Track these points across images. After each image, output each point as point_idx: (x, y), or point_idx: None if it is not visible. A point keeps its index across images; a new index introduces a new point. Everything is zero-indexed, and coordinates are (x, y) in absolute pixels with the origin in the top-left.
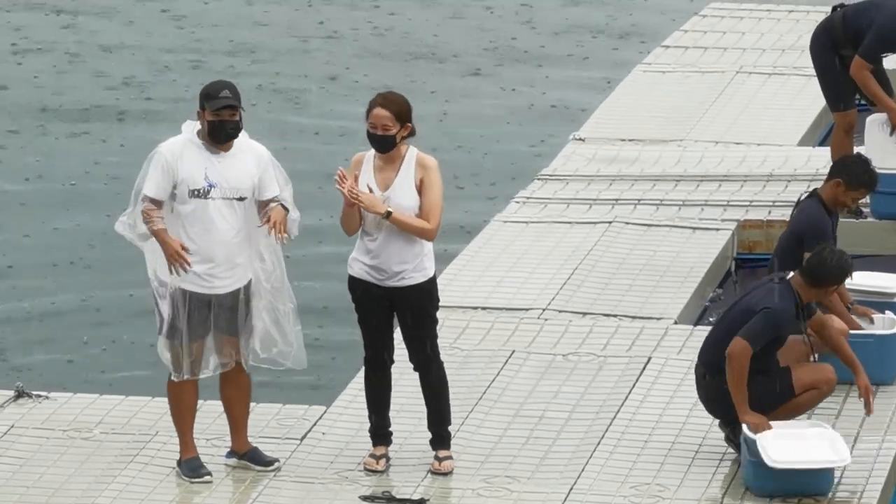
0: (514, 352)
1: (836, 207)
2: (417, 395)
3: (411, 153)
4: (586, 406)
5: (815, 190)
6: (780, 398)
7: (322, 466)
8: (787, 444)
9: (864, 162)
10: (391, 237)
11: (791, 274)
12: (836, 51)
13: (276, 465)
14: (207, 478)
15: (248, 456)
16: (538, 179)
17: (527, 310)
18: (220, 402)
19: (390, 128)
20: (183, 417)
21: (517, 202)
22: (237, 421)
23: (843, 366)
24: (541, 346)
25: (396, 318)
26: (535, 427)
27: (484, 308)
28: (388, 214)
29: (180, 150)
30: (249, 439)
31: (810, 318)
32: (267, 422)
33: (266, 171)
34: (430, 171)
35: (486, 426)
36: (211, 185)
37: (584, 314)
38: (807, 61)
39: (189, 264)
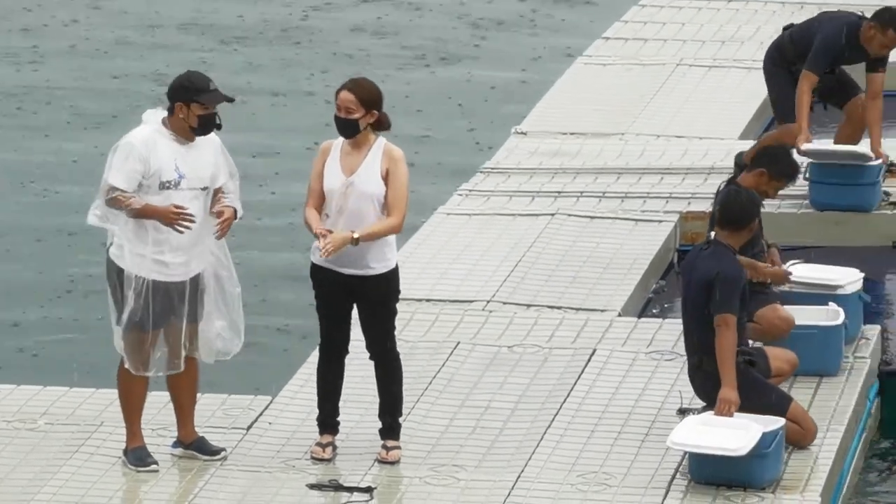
0: (459, 343)
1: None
2: (366, 383)
3: (379, 142)
4: (532, 396)
5: (732, 178)
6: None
7: (269, 456)
8: (703, 429)
9: (788, 153)
10: (348, 226)
11: (712, 234)
12: (787, 67)
13: (223, 454)
14: (154, 467)
15: (194, 446)
16: (480, 172)
17: (471, 301)
18: (166, 392)
19: (353, 111)
20: (132, 406)
21: (460, 195)
22: (184, 410)
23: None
24: (486, 338)
25: (356, 308)
26: (482, 417)
27: (429, 300)
28: (356, 240)
29: (152, 142)
30: (196, 429)
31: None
32: (213, 412)
33: (219, 159)
34: (396, 162)
35: (432, 416)
36: (181, 177)
37: (529, 306)
38: (746, 53)
39: (193, 216)
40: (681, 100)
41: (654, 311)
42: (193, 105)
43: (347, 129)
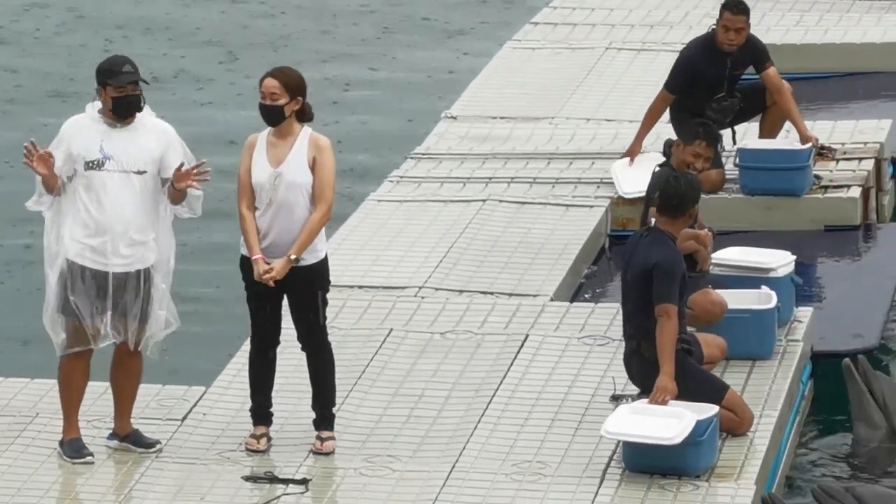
0: (391, 330)
1: (684, 168)
2: (298, 374)
3: (305, 131)
4: (465, 384)
5: (665, 162)
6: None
7: (204, 447)
8: (636, 418)
9: (694, 118)
10: (279, 217)
11: (653, 221)
12: (680, 113)
13: (158, 447)
14: (89, 458)
15: (129, 438)
16: (411, 158)
17: (403, 288)
18: (102, 383)
19: (278, 97)
20: (71, 397)
21: (391, 181)
22: (123, 403)
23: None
24: (418, 325)
25: (286, 299)
26: (416, 405)
27: (360, 287)
28: (296, 259)
29: (80, 124)
30: (131, 421)
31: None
32: (147, 402)
33: (170, 148)
34: (323, 151)
35: (366, 405)
36: (106, 157)
37: (461, 292)
38: (675, 37)
39: (51, 156)
40: (610, 84)
41: (586, 296)
42: (108, 88)
43: (272, 115)
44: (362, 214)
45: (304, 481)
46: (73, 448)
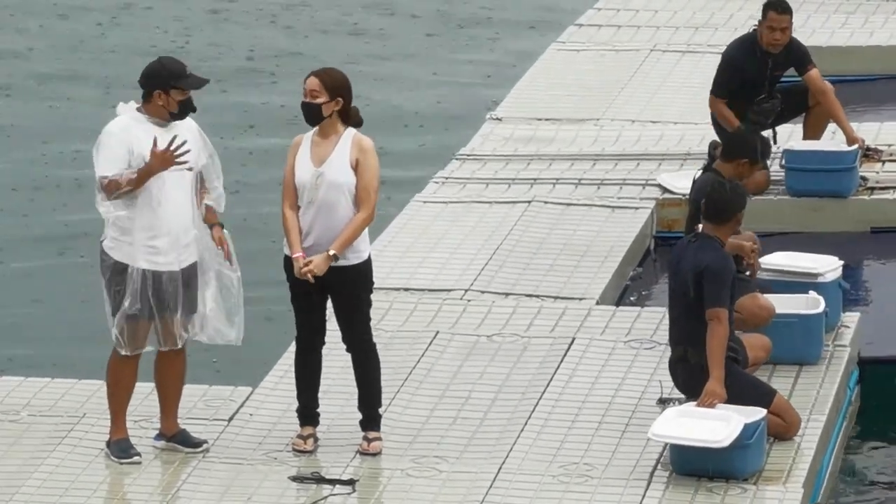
0: (438, 333)
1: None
2: (345, 375)
3: (349, 132)
4: (512, 386)
5: (709, 165)
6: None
7: (250, 447)
8: (684, 421)
9: (755, 135)
10: (320, 216)
11: (700, 227)
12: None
13: (205, 446)
14: (136, 458)
15: (176, 438)
16: (456, 160)
17: (449, 290)
18: (148, 384)
19: (318, 95)
20: (120, 397)
21: (436, 182)
22: (169, 403)
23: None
24: (464, 327)
25: (330, 300)
26: (462, 407)
27: (406, 289)
28: (335, 256)
29: (129, 127)
30: (178, 421)
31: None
32: (194, 403)
33: (198, 140)
34: (366, 153)
35: (413, 407)
36: (159, 150)
37: (507, 295)
38: (720, 39)
39: (184, 143)
40: (655, 85)
41: (631, 298)
42: (173, 91)
43: (311, 113)
44: (407, 216)
45: (350, 482)
46: (120, 448)
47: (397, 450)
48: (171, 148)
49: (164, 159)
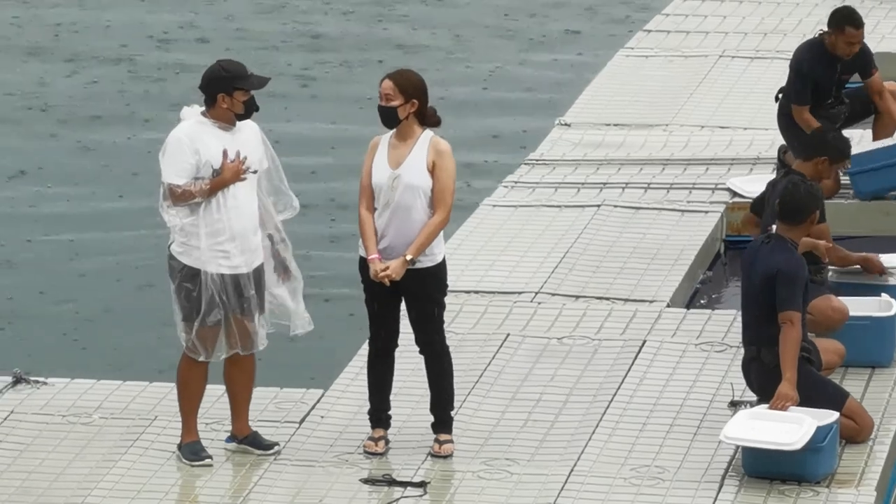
0: (508, 335)
1: (819, 181)
2: (416, 377)
3: (426, 135)
4: (583, 389)
5: (790, 169)
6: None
7: (322, 450)
8: (756, 423)
9: (834, 134)
10: (396, 218)
11: (774, 228)
12: (797, 127)
13: (276, 448)
14: (208, 461)
15: (247, 440)
16: (525, 164)
17: (519, 293)
18: (219, 386)
19: (392, 98)
20: (190, 401)
21: (505, 186)
22: (239, 405)
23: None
24: (535, 330)
25: (404, 302)
26: (533, 410)
27: (477, 292)
28: (411, 260)
29: (196, 133)
30: (249, 423)
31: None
32: (265, 405)
33: (260, 141)
34: (442, 156)
35: (483, 409)
36: (230, 162)
37: (577, 297)
38: (789, 45)
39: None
40: (724, 91)
41: (701, 301)
42: (236, 93)
43: (387, 117)
44: (477, 219)
45: (422, 484)
46: (191, 451)
47: (468, 452)
48: (240, 159)
49: (235, 171)
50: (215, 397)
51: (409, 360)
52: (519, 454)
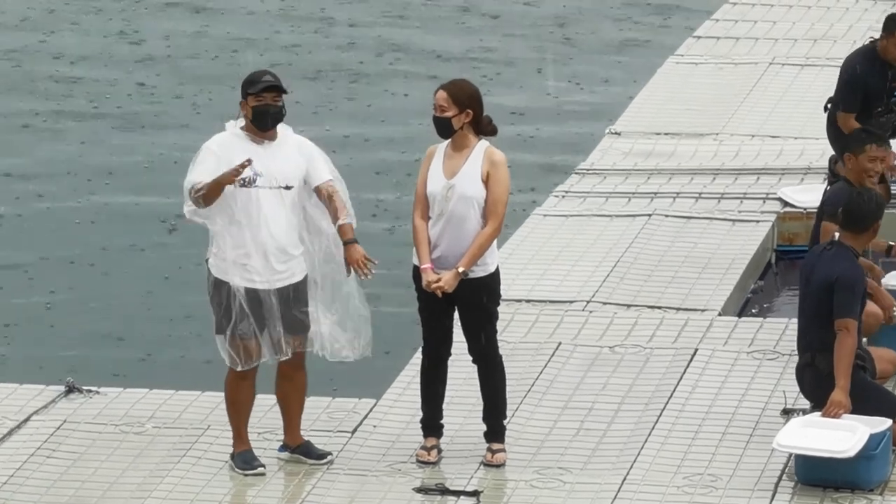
0: (560, 344)
1: (865, 180)
2: (469, 386)
3: (481, 145)
4: (635, 397)
5: (837, 178)
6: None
7: (375, 459)
8: (809, 431)
9: (857, 128)
10: (449, 228)
11: (836, 236)
12: (842, 133)
13: (329, 458)
14: (260, 469)
15: (300, 449)
16: (576, 174)
17: (571, 302)
18: (271, 396)
19: (446, 109)
20: (239, 412)
21: (556, 196)
22: (291, 416)
23: None
24: (587, 339)
25: (457, 311)
26: (585, 418)
27: (528, 301)
28: (464, 272)
29: (227, 143)
30: (302, 433)
31: None
32: (318, 415)
33: (312, 159)
34: (497, 166)
35: (536, 418)
36: (257, 175)
37: (629, 306)
38: (839, 52)
39: (250, 161)
40: (774, 99)
41: (752, 311)
42: (249, 98)
43: (442, 127)
44: (529, 228)
45: (475, 493)
46: (243, 460)
47: (521, 461)
48: (243, 162)
49: (234, 171)
50: (267, 407)
51: (461, 368)
52: (572, 463)
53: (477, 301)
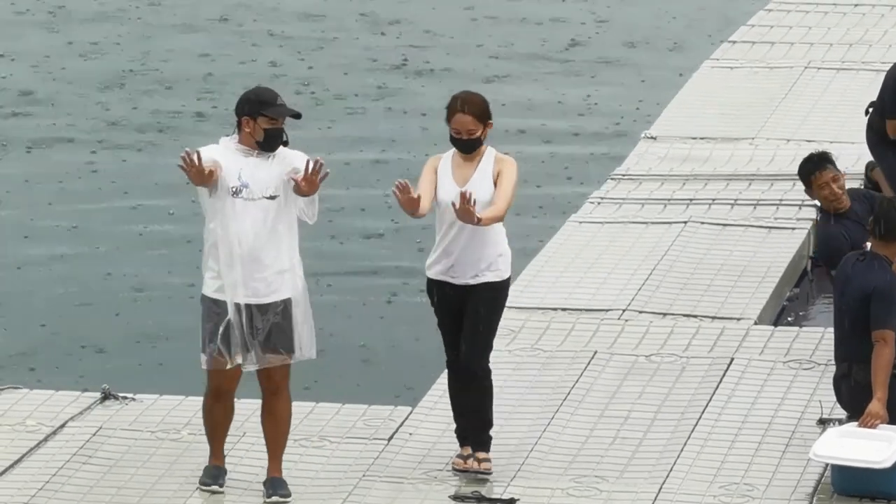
0: (596, 353)
1: (830, 206)
2: (503, 393)
3: (490, 152)
4: (671, 406)
5: (874, 184)
6: None
7: (411, 466)
8: (845, 441)
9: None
10: (463, 236)
11: (868, 245)
12: (885, 141)
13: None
14: (215, 488)
15: (267, 482)
16: (611, 179)
17: (607, 311)
18: (307, 403)
19: (475, 131)
20: (213, 431)
21: (591, 202)
22: (272, 449)
23: None
24: (623, 347)
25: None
26: (622, 427)
27: (564, 309)
28: (479, 220)
29: (219, 150)
30: (336, 440)
31: None
32: (353, 422)
33: (289, 158)
34: (507, 164)
35: (571, 426)
36: (244, 185)
37: (665, 315)
38: (874, 56)
39: (197, 155)
40: (810, 103)
41: (789, 319)
42: (260, 118)
43: (471, 147)
44: (564, 236)
45: (511, 501)
46: (208, 474)
47: (557, 469)
48: (208, 163)
49: (197, 170)
50: (303, 414)
51: (497, 376)
52: (608, 471)
53: (483, 305)
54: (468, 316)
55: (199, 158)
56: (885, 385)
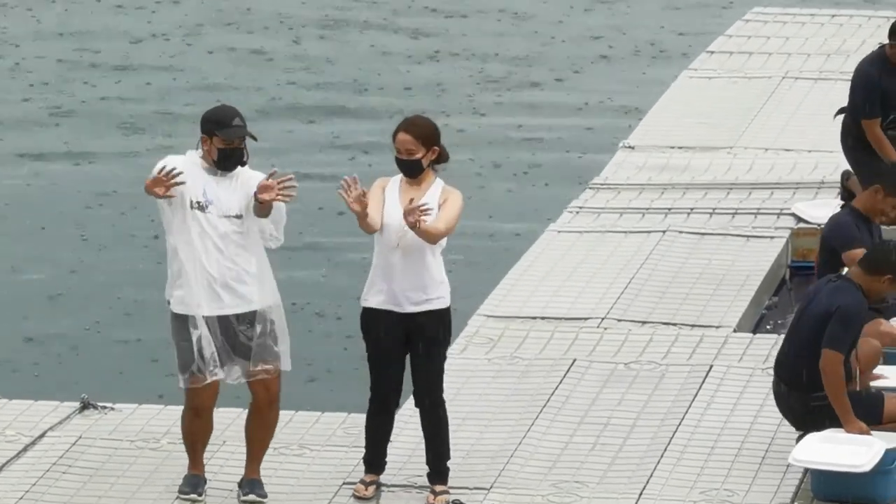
0: (575, 360)
1: (875, 216)
2: (482, 401)
3: (438, 182)
4: (651, 413)
5: (847, 203)
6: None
7: (390, 474)
8: (825, 446)
9: (869, 147)
10: (404, 261)
11: (845, 271)
12: (863, 147)
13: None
14: (194, 497)
15: (244, 483)
16: (590, 188)
17: (586, 319)
18: (313, 413)
19: (414, 152)
20: (193, 443)
21: (570, 212)
22: (254, 452)
23: None
24: (602, 355)
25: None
26: (601, 434)
27: (543, 318)
28: (420, 224)
29: (184, 163)
30: (316, 448)
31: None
32: (333, 431)
33: (250, 177)
34: (453, 195)
35: (551, 433)
36: (209, 202)
37: (644, 323)
38: (852, 66)
39: (170, 174)
40: (788, 113)
41: (767, 327)
42: (215, 138)
43: (411, 169)
44: (542, 245)
45: None
46: (187, 482)
47: (537, 475)
48: (169, 173)
49: (154, 180)
50: (309, 423)
51: (479, 382)
52: (588, 477)
53: (433, 336)
54: (418, 347)
55: (170, 173)
56: (846, 409)
